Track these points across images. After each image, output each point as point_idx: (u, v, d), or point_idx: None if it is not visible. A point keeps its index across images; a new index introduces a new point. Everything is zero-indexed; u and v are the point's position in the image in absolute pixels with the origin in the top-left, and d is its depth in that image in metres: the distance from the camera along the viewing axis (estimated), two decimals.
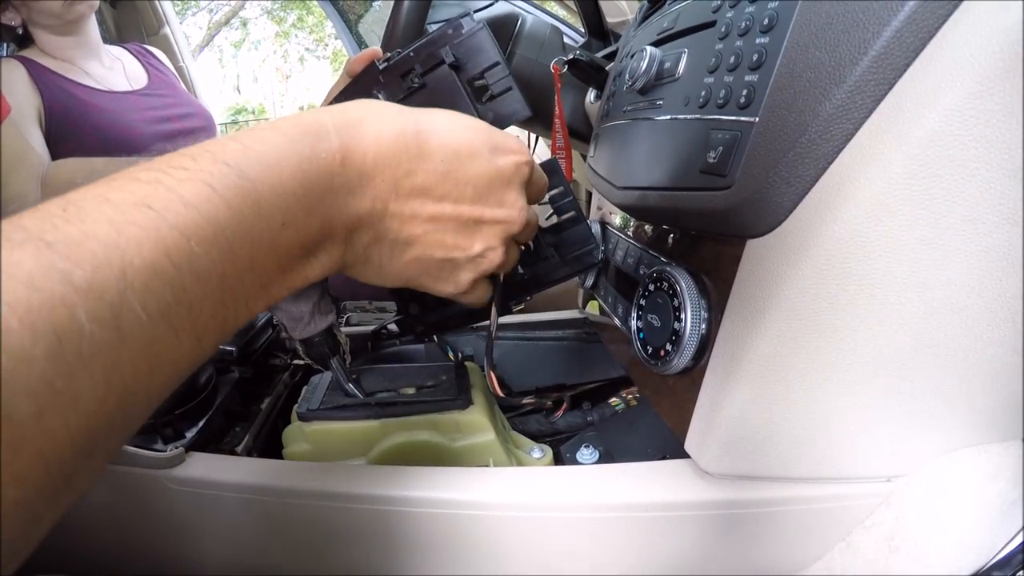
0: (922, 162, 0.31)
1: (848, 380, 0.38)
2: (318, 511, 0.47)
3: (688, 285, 0.42)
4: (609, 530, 0.44)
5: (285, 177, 0.28)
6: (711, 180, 0.38)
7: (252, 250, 0.27)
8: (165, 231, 0.23)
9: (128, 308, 0.21)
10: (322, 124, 0.31)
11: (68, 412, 0.19)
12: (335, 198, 0.31)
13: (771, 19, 0.36)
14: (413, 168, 0.34)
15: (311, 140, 0.30)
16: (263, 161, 0.28)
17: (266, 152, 0.28)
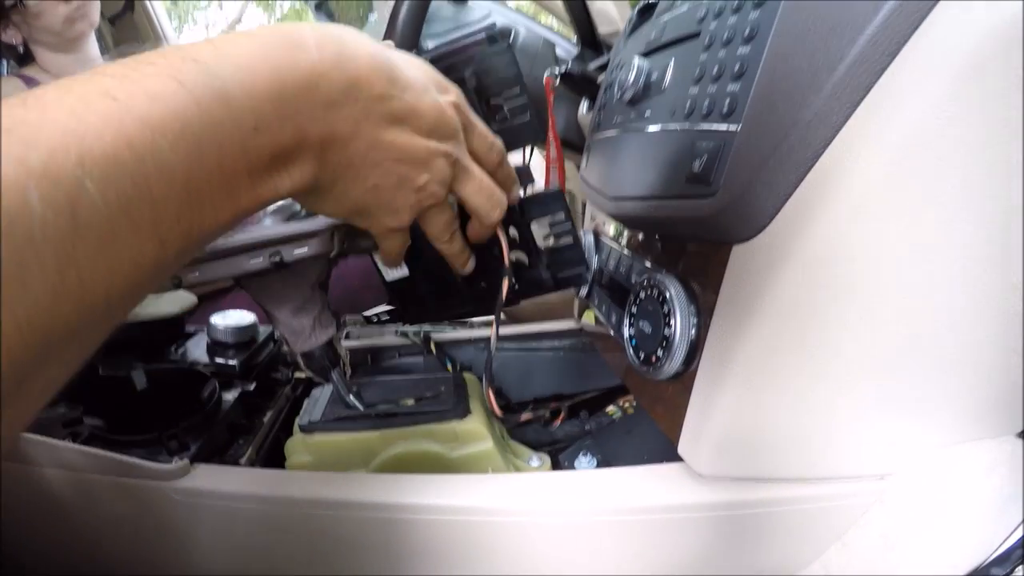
0: (900, 164, 0.32)
1: (837, 379, 0.39)
2: (321, 520, 0.47)
3: (677, 291, 0.43)
4: (604, 534, 0.44)
5: (259, 80, 0.28)
6: (696, 188, 0.39)
7: (220, 151, 0.26)
8: (128, 121, 0.22)
9: (86, 196, 0.20)
10: (302, 35, 0.31)
11: (16, 302, 0.19)
12: (312, 109, 0.30)
13: (752, 29, 0.37)
14: (386, 93, 0.34)
15: (289, 48, 0.30)
16: (236, 63, 0.27)
17: (240, 55, 0.27)
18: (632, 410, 0.67)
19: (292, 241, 0.44)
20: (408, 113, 0.35)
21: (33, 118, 0.20)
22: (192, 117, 0.24)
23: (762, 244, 0.37)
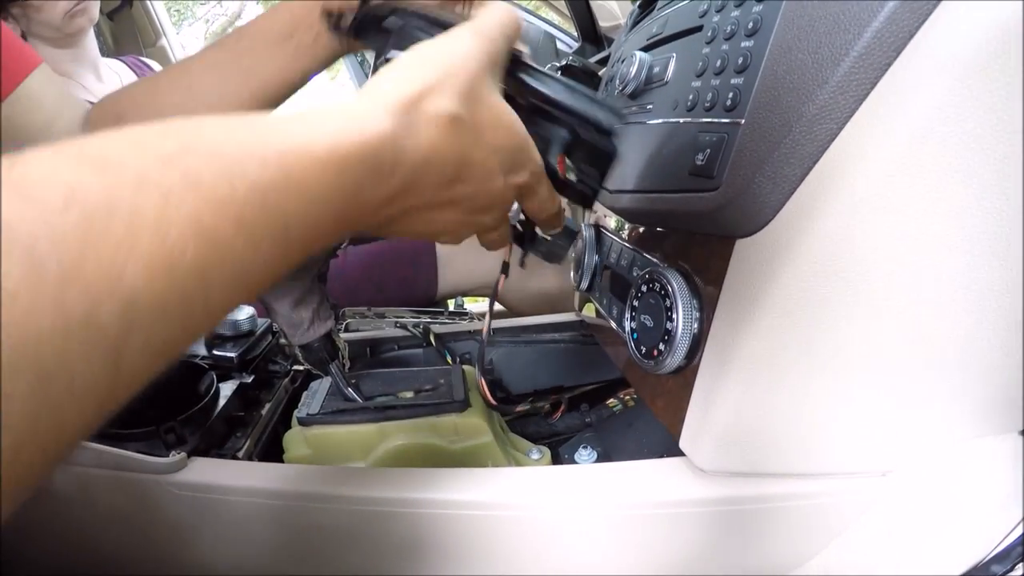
0: (905, 159, 0.32)
1: (839, 376, 0.38)
2: (319, 513, 0.47)
3: (679, 285, 0.43)
4: (605, 528, 0.44)
5: (325, 217, 0.26)
6: (699, 182, 0.39)
7: (263, 269, 0.24)
8: (180, 270, 0.20)
9: (129, 347, 0.19)
10: (382, 153, 0.28)
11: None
12: (362, 211, 0.29)
13: (755, 23, 0.37)
14: (455, 177, 0.33)
15: (369, 177, 0.28)
16: (307, 196, 0.25)
17: (311, 186, 0.25)
18: (633, 403, 0.67)
19: None
20: (464, 199, 0.34)
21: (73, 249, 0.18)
22: (246, 260, 0.23)
23: (766, 239, 0.37)
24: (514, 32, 0.37)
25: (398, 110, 0.29)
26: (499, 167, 0.35)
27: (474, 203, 0.35)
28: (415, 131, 0.30)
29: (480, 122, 0.33)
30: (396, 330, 0.80)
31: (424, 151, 0.30)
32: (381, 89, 0.30)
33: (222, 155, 0.22)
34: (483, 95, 0.33)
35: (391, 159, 0.29)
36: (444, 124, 0.31)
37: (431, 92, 0.31)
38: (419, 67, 0.31)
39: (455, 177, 0.33)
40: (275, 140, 0.24)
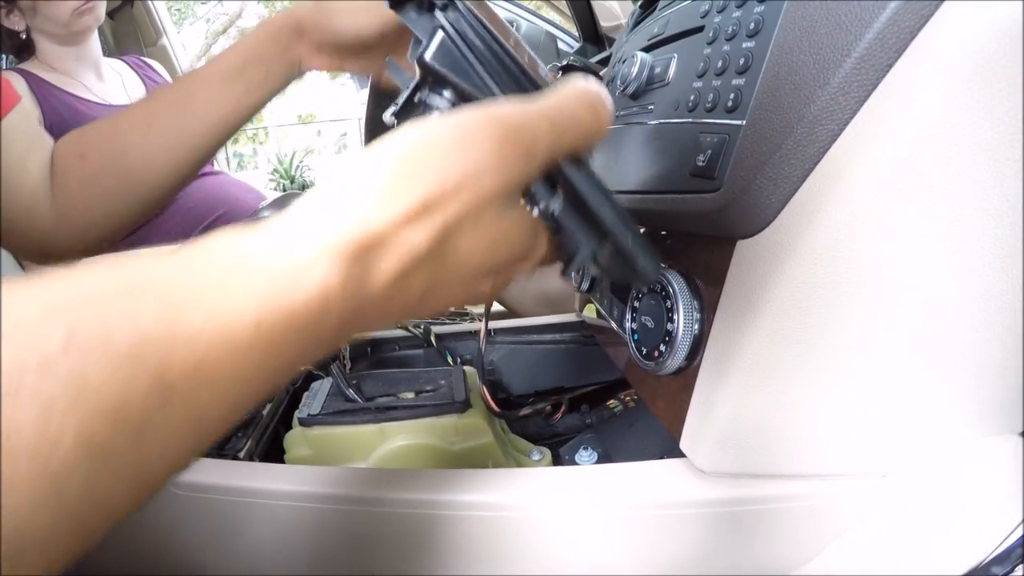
0: (906, 160, 0.32)
1: (840, 377, 0.38)
2: (319, 514, 0.47)
3: (680, 286, 0.43)
4: (605, 529, 0.44)
5: (246, 396, 0.22)
6: (700, 183, 0.39)
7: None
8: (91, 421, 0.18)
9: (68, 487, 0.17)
10: (324, 315, 0.23)
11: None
12: (303, 361, 0.25)
13: (757, 23, 0.37)
14: (429, 288, 0.27)
15: (304, 343, 0.23)
16: (221, 384, 0.21)
17: (223, 378, 0.21)
18: (633, 404, 0.67)
19: None
20: (459, 287, 0.29)
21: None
22: (150, 464, 0.20)
23: (767, 240, 0.37)
24: (591, 131, 0.29)
25: (350, 257, 0.23)
26: (490, 276, 0.29)
27: (457, 301, 0.30)
28: (372, 280, 0.24)
29: (471, 249, 0.27)
30: (397, 330, 0.80)
31: (382, 298, 0.25)
32: (335, 218, 0.23)
33: (115, 348, 0.18)
34: (486, 219, 0.26)
35: (336, 317, 0.24)
36: (416, 269, 0.25)
37: (407, 226, 0.24)
38: (402, 180, 0.24)
39: (428, 297, 0.27)
40: (184, 319, 0.20)
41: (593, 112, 0.29)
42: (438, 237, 0.25)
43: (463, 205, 0.25)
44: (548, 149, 0.27)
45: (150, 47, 1.90)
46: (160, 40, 1.91)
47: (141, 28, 1.86)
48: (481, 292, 0.30)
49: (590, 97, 0.29)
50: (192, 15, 9.40)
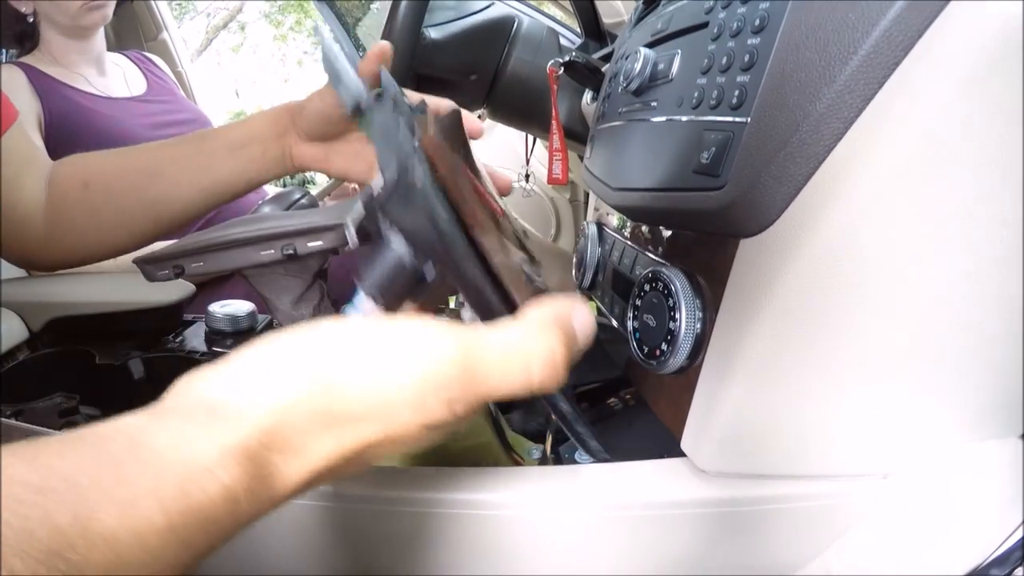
0: (912, 159, 0.31)
1: (842, 377, 0.38)
2: (315, 511, 0.47)
3: (683, 285, 0.43)
4: (605, 529, 0.44)
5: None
6: (704, 180, 0.39)
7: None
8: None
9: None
10: (236, 505, 0.23)
11: None
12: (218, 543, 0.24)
13: (762, 20, 0.37)
14: (354, 468, 0.27)
15: (212, 539, 0.23)
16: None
17: (137, 571, 0.20)
18: (633, 402, 0.67)
19: (307, 234, 0.44)
20: (369, 462, 0.28)
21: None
22: None
23: (770, 238, 0.36)
24: (559, 363, 0.28)
25: (255, 459, 0.24)
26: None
27: (410, 446, 0.28)
28: (282, 480, 0.25)
29: (389, 451, 0.27)
30: None
31: (293, 492, 0.25)
32: (240, 416, 0.24)
33: (36, 546, 0.18)
34: (406, 441, 0.27)
35: (247, 511, 0.24)
36: (328, 472, 0.26)
37: (317, 434, 0.25)
38: (320, 386, 0.25)
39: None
40: (99, 521, 0.20)
41: (565, 340, 0.28)
42: (348, 452, 0.26)
43: (376, 432, 0.26)
44: (486, 394, 0.27)
45: (150, 41, 1.90)
46: (160, 34, 1.91)
47: (141, 22, 1.86)
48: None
49: (560, 325, 0.28)
50: (193, 10, 9.39)
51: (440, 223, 0.27)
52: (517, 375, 0.27)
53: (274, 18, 12.52)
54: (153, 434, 0.23)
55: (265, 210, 0.48)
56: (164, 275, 0.45)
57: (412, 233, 0.28)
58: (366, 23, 2.53)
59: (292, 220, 0.44)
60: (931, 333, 0.36)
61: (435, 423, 0.27)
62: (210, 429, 0.23)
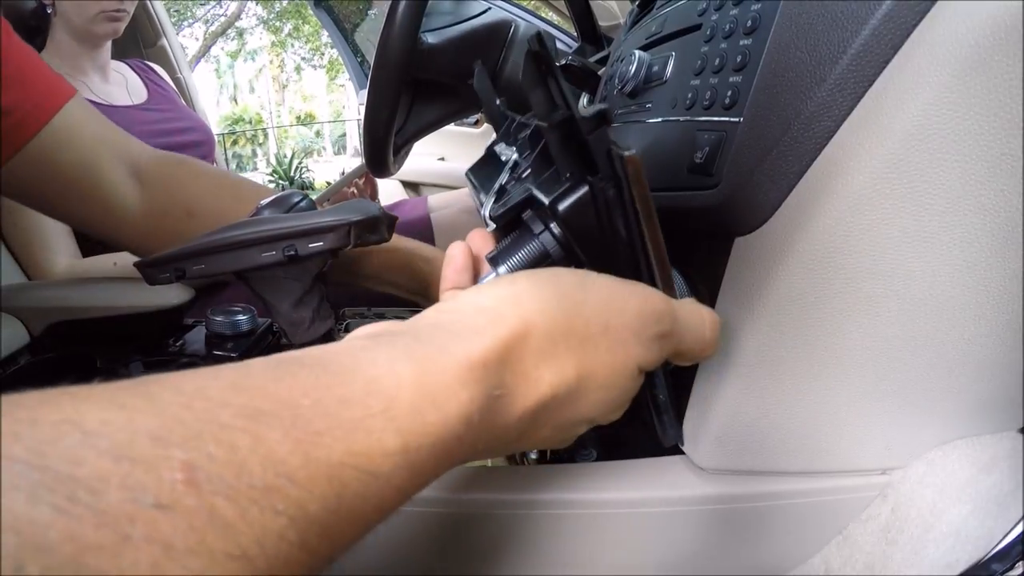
0: (902, 156, 0.32)
1: (838, 373, 0.39)
2: None
3: (678, 283, 0.43)
4: (605, 527, 0.44)
5: (382, 517, 0.21)
6: (698, 180, 0.39)
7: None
8: None
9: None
10: (463, 437, 0.22)
11: None
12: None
13: (754, 21, 0.37)
14: (562, 419, 0.27)
15: (442, 465, 0.22)
16: (355, 515, 0.19)
17: (363, 506, 0.19)
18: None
19: (308, 235, 0.44)
20: (595, 408, 0.28)
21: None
22: None
23: (764, 236, 0.37)
24: (698, 351, 0.31)
25: (487, 374, 0.23)
26: (589, 425, 0.29)
27: (555, 444, 0.29)
28: (509, 391, 0.24)
29: (596, 401, 0.27)
30: None
31: (523, 408, 0.24)
32: (456, 345, 0.23)
33: (247, 482, 0.16)
34: (619, 381, 0.28)
35: (476, 439, 0.23)
36: (553, 405, 0.25)
37: (550, 356, 0.25)
38: (560, 312, 0.25)
39: (560, 421, 0.27)
40: (323, 450, 0.17)
41: (708, 336, 0.31)
42: (567, 387, 0.25)
43: (605, 357, 0.26)
44: (674, 347, 0.30)
45: (149, 48, 1.90)
46: (160, 41, 1.91)
47: (140, 29, 1.86)
48: (573, 437, 0.30)
49: (711, 323, 0.31)
50: (190, 16, 9.41)
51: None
52: (690, 338, 0.30)
53: (272, 24, 12.54)
54: (379, 352, 0.21)
55: (265, 213, 0.48)
56: (165, 278, 0.45)
57: (586, 237, 0.30)
58: (364, 29, 2.54)
59: (293, 222, 0.44)
60: (926, 328, 0.37)
61: (646, 361, 0.28)
62: (447, 345, 0.22)
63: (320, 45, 12.67)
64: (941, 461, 0.41)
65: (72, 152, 0.62)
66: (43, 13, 1.27)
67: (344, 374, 0.20)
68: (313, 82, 13.98)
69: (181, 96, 1.64)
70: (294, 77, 13.78)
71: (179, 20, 8.71)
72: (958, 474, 0.41)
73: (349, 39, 2.48)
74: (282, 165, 8.57)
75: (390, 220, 0.50)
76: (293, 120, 14.01)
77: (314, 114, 14.13)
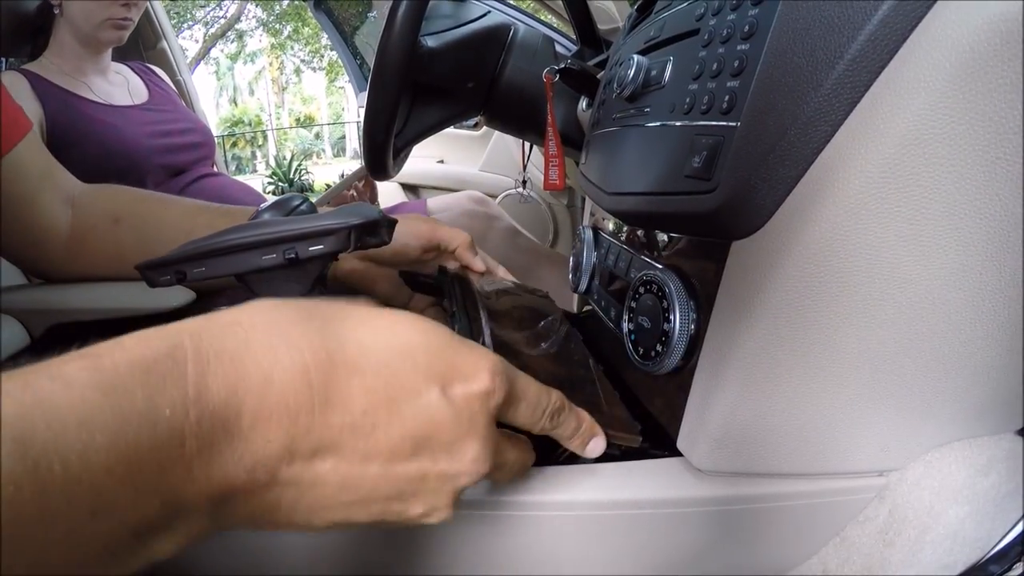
0: (898, 161, 0.32)
1: (836, 376, 0.39)
2: None
3: (676, 287, 0.43)
4: (601, 528, 0.44)
5: (93, 450, 0.19)
6: (696, 184, 0.39)
7: (37, 552, 0.18)
8: None
9: None
10: (175, 353, 0.22)
11: None
12: (187, 470, 0.21)
13: (751, 26, 0.37)
14: (316, 423, 0.24)
15: (149, 385, 0.21)
16: (55, 423, 0.19)
17: (62, 408, 0.19)
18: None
19: (309, 238, 0.44)
20: (362, 439, 0.25)
21: None
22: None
23: (761, 241, 0.37)
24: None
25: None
26: (427, 382, 0.27)
27: (375, 447, 0.26)
28: (226, 359, 0.24)
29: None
30: None
31: (237, 360, 0.24)
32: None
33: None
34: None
35: (188, 348, 0.23)
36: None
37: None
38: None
39: (313, 424, 0.25)
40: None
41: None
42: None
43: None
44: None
45: (150, 50, 1.90)
46: (160, 43, 1.91)
47: (141, 31, 1.86)
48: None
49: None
50: (190, 18, 9.40)
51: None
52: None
53: (272, 27, 12.54)
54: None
55: (265, 216, 0.49)
56: (166, 280, 0.45)
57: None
58: (363, 31, 2.55)
59: (293, 225, 0.44)
60: (923, 331, 0.37)
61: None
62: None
63: (320, 47, 12.68)
64: (939, 463, 0.41)
65: (19, 185, 0.63)
66: (49, 12, 1.27)
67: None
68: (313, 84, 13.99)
69: (181, 98, 1.65)
70: (293, 79, 13.79)
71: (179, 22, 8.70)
72: (956, 476, 0.41)
73: (349, 41, 2.48)
74: (281, 167, 8.57)
75: (390, 223, 0.50)
76: (292, 122, 14.01)
77: (313, 116, 14.13)
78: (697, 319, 0.43)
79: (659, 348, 0.44)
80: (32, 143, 0.65)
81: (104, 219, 0.68)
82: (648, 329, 0.46)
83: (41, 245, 0.67)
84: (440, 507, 0.30)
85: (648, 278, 0.46)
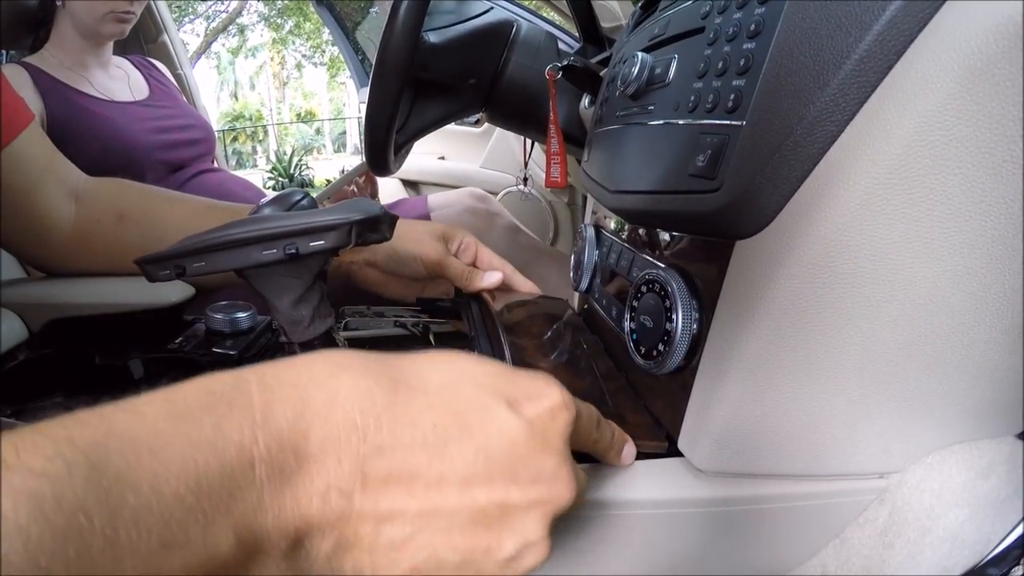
0: (904, 162, 0.32)
1: (838, 377, 0.39)
2: None
3: (679, 287, 0.43)
4: (601, 528, 0.44)
5: (163, 478, 0.19)
6: (700, 183, 0.39)
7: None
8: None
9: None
10: (240, 384, 0.22)
11: None
12: (258, 497, 0.21)
13: (758, 25, 0.37)
14: (386, 443, 0.24)
15: (216, 412, 0.21)
16: (128, 452, 0.19)
17: (135, 438, 0.19)
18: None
19: (309, 234, 0.44)
20: (434, 460, 0.24)
21: None
22: (57, 547, 0.17)
23: (765, 240, 0.37)
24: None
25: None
26: (493, 400, 0.27)
27: (465, 475, 0.25)
28: (289, 386, 0.24)
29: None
30: (396, 329, 0.80)
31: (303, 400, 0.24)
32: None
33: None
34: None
35: (253, 382, 0.24)
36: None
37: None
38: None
39: (383, 443, 0.24)
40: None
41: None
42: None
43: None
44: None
45: (150, 44, 1.90)
46: (161, 37, 1.91)
47: (142, 25, 1.86)
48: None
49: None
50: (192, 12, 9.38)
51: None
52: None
53: (273, 21, 12.53)
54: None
55: (266, 211, 0.48)
56: (165, 275, 0.45)
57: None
58: (365, 27, 2.55)
59: (294, 220, 0.44)
60: (925, 333, 0.37)
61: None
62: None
63: (321, 42, 12.67)
64: (939, 465, 0.41)
65: (20, 177, 0.63)
66: (51, 5, 1.27)
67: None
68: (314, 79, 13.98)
69: (182, 92, 1.64)
70: (295, 74, 13.78)
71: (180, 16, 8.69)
72: (956, 478, 0.41)
73: (350, 37, 2.48)
74: (282, 162, 8.57)
75: (391, 219, 0.50)
76: (293, 117, 14.01)
77: (314, 111, 14.13)
78: (699, 319, 0.43)
79: (661, 348, 0.44)
80: (34, 135, 0.65)
81: (108, 215, 0.68)
82: (650, 329, 0.46)
83: (43, 238, 0.67)
84: (533, 539, 0.28)
85: (650, 277, 0.46)
